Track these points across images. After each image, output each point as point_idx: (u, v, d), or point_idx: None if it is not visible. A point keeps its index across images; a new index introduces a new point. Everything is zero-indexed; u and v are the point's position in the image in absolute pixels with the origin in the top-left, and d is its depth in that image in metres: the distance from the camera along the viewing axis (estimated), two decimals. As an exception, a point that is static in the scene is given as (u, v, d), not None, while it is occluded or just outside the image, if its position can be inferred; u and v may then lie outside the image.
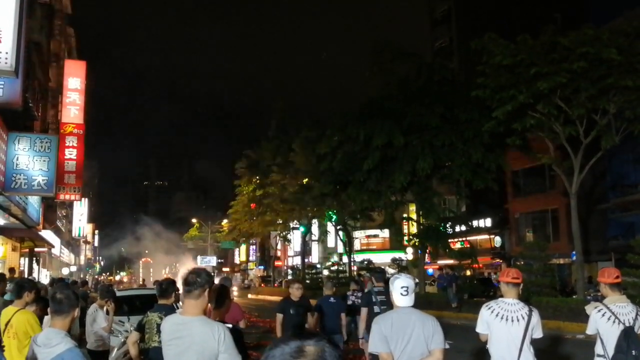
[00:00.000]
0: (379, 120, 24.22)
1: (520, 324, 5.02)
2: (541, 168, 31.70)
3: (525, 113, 20.38)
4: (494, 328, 5.14)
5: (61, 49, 27.23)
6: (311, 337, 1.47)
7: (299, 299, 8.76)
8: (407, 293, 4.66)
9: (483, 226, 39.64)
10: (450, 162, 24.82)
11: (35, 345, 4.15)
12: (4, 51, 6.26)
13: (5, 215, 14.85)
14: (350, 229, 40.35)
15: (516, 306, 5.12)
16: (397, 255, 37.25)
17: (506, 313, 5.09)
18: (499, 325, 5.08)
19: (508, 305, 5.14)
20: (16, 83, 12.26)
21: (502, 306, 5.17)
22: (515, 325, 5.02)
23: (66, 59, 27.04)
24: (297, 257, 58.63)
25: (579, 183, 21.39)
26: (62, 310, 4.25)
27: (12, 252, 21.35)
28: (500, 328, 5.08)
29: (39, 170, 12.71)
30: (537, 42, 19.49)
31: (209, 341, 3.71)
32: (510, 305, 5.14)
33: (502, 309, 5.14)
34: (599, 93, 19.16)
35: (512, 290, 5.23)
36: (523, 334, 4.99)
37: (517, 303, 5.15)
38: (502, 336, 5.06)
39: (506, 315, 5.08)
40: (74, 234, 47.51)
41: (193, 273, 3.93)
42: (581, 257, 21.68)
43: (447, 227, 27.67)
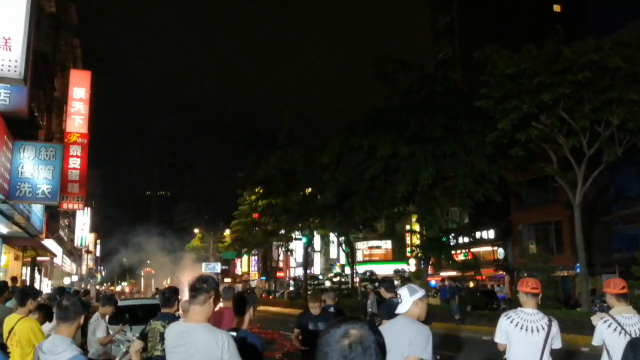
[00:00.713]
0: (382, 131, 24.26)
1: (540, 334, 4.99)
2: (544, 180, 31.69)
3: (528, 124, 20.40)
4: (513, 338, 5.11)
5: (66, 59, 27.38)
6: (355, 321, 1.81)
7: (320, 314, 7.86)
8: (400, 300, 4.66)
9: (486, 238, 39.54)
10: (454, 173, 24.81)
11: (41, 352, 4.15)
12: (13, 59, 6.30)
13: (9, 223, 14.87)
14: (353, 239, 40.33)
15: (536, 316, 5.09)
16: (399, 267, 37.30)
17: (526, 323, 5.06)
18: (519, 335, 5.06)
19: (528, 315, 5.12)
20: (23, 92, 12.35)
21: (521, 316, 5.14)
22: (535, 335, 5.00)
23: (71, 68, 27.14)
24: (299, 268, 58.59)
25: (582, 194, 21.37)
26: (68, 317, 4.25)
27: (14, 261, 21.34)
28: (519, 338, 5.05)
29: (43, 178, 12.73)
30: (541, 52, 19.55)
31: (212, 349, 3.70)
32: (530, 315, 5.11)
33: (521, 318, 5.12)
34: (602, 105, 19.18)
35: (531, 300, 5.20)
36: (543, 344, 4.97)
37: (537, 313, 5.12)
38: (522, 346, 5.04)
39: (526, 325, 5.05)
40: (76, 244, 47.47)
41: (199, 279, 3.93)
42: (585, 269, 21.60)
43: (449, 238, 27.62)
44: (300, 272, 54.96)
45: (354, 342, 1.74)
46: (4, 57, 6.29)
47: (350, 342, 1.75)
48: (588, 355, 13.94)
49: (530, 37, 21.38)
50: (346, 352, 1.73)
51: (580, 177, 21.12)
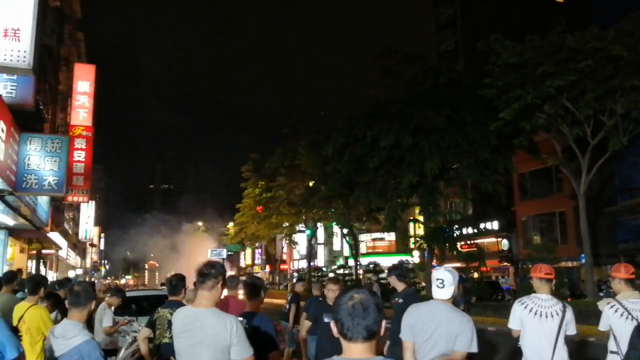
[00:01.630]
0: (386, 123, 24.24)
1: (554, 320, 4.94)
2: (548, 170, 31.67)
3: (532, 114, 20.39)
4: (527, 324, 5.05)
5: (71, 52, 27.42)
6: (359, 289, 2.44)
7: None
8: (442, 286, 4.41)
9: (490, 229, 39.55)
10: (458, 164, 24.78)
11: (53, 337, 4.18)
12: (22, 50, 6.33)
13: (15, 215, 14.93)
14: (357, 231, 40.34)
15: (550, 302, 5.04)
16: (403, 258, 37.32)
17: (540, 309, 5.01)
18: (533, 321, 5.00)
19: (542, 301, 5.06)
20: (29, 85, 12.40)
21: (535, 302, 5.08)
22: (550, 321, 4.94)
23: (76, 62, 27.18)
24: (303, 261, 58.69)
25: (587, 184, 21.36)
26: (79, 302, 4.29)
27: (19, 254, 21.42)
28: (533, 324, 4.99)
29: (49, 170, 12.77)
30: (545, 42, 19.54)
31: (221, 333, 3.69)
32: (544, 300, 5.06)
33: (535, 304, 5.06)
34: (605, 94, 19.16)
35: (545, 285, 5.14)
36: (557, 330, 4.91)
37: (551, 299, 5.07)
38: (536, 332, 4.98)
39: (540, 311, 5.00)
40: (80, 237, 47.62)
41: (207, 265, 3.93)
42: (590, 260, 21.61)
43: (454, 229, 27.62)
44: (304, 264, 55.05)
45: (357, 304, 2.32)
46: (13, 48, 6.34)
47: (354, 304, 2.32)
48: (594, 345, 13.97)
49: (533, 28, 21.37)
50: (350, 311, 2.31)
51: (585, 166, 21.11)
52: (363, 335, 2.29)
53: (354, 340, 2.30)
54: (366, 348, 2.31)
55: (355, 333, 2.29)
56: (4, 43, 6.24)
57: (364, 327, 2.29)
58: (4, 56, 6.21)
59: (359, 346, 2.31)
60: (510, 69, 19.93)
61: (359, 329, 2.29)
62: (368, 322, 2.30)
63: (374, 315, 2.31)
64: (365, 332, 2.29)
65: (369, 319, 2.30)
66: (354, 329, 2.29)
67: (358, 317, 2.29)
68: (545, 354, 4.88)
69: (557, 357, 4.87)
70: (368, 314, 2.30)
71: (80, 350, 4.06)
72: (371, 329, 2.30)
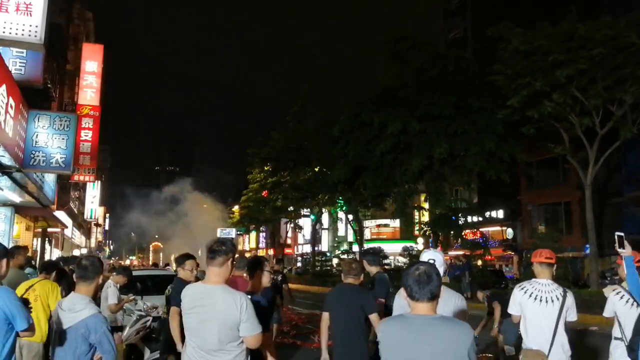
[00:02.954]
0: (393, 109, 24.19)
1: (554, 305, 4.87)
2: (555, 160, 31.55)
3: (540, 102, 20.31)
4: (527, 309, 5.00)
5: (79, 32, 27.37)
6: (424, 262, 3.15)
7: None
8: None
9: (495, 217, 39.52)
10: (464, 152, 24.72)
11: (60, 309, 4.21)
12: (34, 24, 6.34)
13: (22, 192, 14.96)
14: (361, 217, 40.35)
15: (550, 287, 4.98)
16: (407, 245, 37.39)
17: (540, 294, 4.95)
18: (532, 306, 4.95)
19: (542, 286, 5.00)
20: (38, 62, 12.38)
21: (535, 287, 5.03)
22: (550, 307, 4.88)
23: (84, 42, 27.13)
24: (307, 245, 58.83)
25: (593, 174, 21.31)
26: (87, 276, 4.31)
27: (25, 232, 21.51)
28: (533, 309, 4.94)
29: (57, 148, 12.77)
30: (556, 30, 19.41)
31: (231, 309, 3.72)
32: (544, 285, 5.00)
33: (535, 289, 5.01)
34: (615, 83, 19.06)
35: (545, 270, 5.07)
36: (557, 315, 4.85)
37: (551, 284, 5.01)
38: (536, 317, 4.93)
39: (540, 296, 4.94)
40: (85, 216, 47.72)
41: (218, 242, 3.95)
42: (595, 248, 21.60)
43: (459, 216, 27.63)
44: (308, 248, 55.20)
45: (422, 273, 3.00)
46: (25, 22, 6.34)
47: (420, 273, 3.00)
48: (597, 334, 14.01)
49: (543, 17, 21.19)
50: (417, 279, 2.98)
51: (592, 156, 21.05)
52: (427, 297, 2.97)
53: (421, 300, 2.97)
54: (429, 307, 2.99)
55: (422, 295, 2.96)
56: (16, 17, 6.24)
57: (429, 291, 2.96)
58: (15, 30, 6.21)
59: (424, 305, 2.98)
60: (520, 56, 19.83)
61: (425, 292, 2.96)
62: (431, 287, 2.96)
63: (435, 282, 2.98)
64: (429, 294, 2.96)
65: (432, 285, 2.97)
66: (420, 292, 2.97)
67: (423, 283, 2.96)
68: (545, 340, 4.84)
69: (557, 343, 4.83)
70: (431, 280, 2.97)
71: (87, 324, 4.11)
72: (433, 292, 2.97)
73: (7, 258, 4.23)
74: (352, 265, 5.87)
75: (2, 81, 8.96)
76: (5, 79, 9.18)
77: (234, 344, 3.79)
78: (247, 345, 3.86)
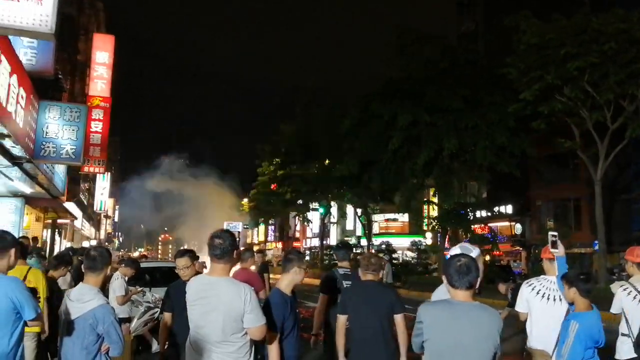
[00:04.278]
0: (401, 101, 24.11)
1: (562, 304, 4.73)
2: (565, 156, 31.39)
3: (552, 97, 20.21)
4: (534, 306, 4.87)
5: (90, 22, 27.40)
6: (465, 255, 3.45)
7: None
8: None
9: (504, 213, 39.38)
10: (473, 147, 24.60)
11: (69, 300, 4.24)
12: (45, 14, 6.33)
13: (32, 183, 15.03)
14: (370, 211, 40.32)
15: (558, 284, 4.77)
16: (416, 240, 37.33)
17: (548, 291, 4.84)
18: (540, 303, 4.82)
19: (550, 283, 4.88)
20: (49, 52, 12.40)
21: (543, 283, 4.91)
22: (557, 305, 4.76)
23: (95, 33, 27.16)
24: (316, 239, 58.85)
25: (604, 170, 21.20)
26: (95, 267, 4.33)
27: (35, 222, 21.60)
28: (540, 306, 4.81)
29: (67, 139, 12.80)
30: (570, 23, 19.28)
31: (235, 301, 3.74)
32: (553, 282, 4.87)
33: (543, 286, 4.89)
34: (627, 78, 18.93)
35: (554, 267, 4.89)
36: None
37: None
38: (543, 315, 4.80)
39: (547, 294, 4.83)
40: (95, 208, 47.89)
41: (219, 235, 3.94)
42: (604, 245, 21.51)
43: (467, 211, 27.56)
44: (317, 242, 55.21)
45: (463, 264, 3.30)
46: (35, 12, 6.33)
47: (461, 264, 3.30)
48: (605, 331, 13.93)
49: (554, 11, 21.05)
50: (458, 269, 3.29)
51: (603, 152, 20.95)
52: (466, 285, 3.29)
53: (460, 288, 3.29)
54: (468, 294, 3.32)
55: (462, 284, 3.28)
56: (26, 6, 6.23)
57: (467, 280, 3.28)
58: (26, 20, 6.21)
59: (464, 292, 3.31)
60: (532, 49, 19.73)
61: (464, 281, 3.28)
62: (470, 278, 3.28)
63: (474, 273, 3.30)
64: (468, 283, 3.28)
65: (471, 276, 3.28)
66: (460, 281, 3.28)
67: (463, 273, 3.28)
68: (551, 339, 4.69)
69: None
70: (470, 271, 3.29)
71: (95, 314, 4.13)
72: (472, 282, 3.29)
73: (16, 247, 4.26)
74: (370, 260, 5.27)
75: (13, 71, 8.99)
76: (16, 69, 9.21)
77: (238, 336, 3.79)
78: (252, 336, 3.86)
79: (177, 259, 6.09)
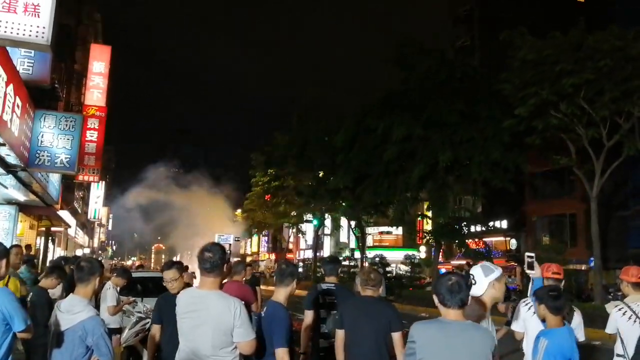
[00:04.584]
0: (397, 114, 24.13)
1: None
2: (560, 172, 31.44)
3: (547, 112, 20.26)
4: (529, 325, 4.84)
5: (88, 33, 27.48)
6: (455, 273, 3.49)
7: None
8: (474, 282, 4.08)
9: (499, 227, 39.39)
10: (468, 161, 24.62)
11: (59, 311, 4.21)
12: (41, 25, 6.35)
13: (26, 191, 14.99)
14: (364, 224, 40.30)
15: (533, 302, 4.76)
16: (410, 253, 37.29)
17: None
18: (536, 323, 4.73)
19: None
20: (46, 62, 12.42)
21: None
22: None
23: (92, 43, 27.23)
24: (309, 250, 58.75)
25: (599, 186, 21.21)
26: (82, 278, 4.31)
27: (29, 230, 21.53)
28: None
29: (62, 148, 12.81)
30: (566, 40, 19.35)
31: (225, 315, 3.73)
32: None
33: None
34: (623, 95, 18.98)
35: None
36: None
37: None
38: None
39: None
40: (89, 216, 47.80)
41: (209, 248, 3.94)
42: (600, 262, 21.48)
43: (462, 226, 27.53)
44: (310, 254, 55.12)
45: (454, 283, 3.29)
46: (32, 23, 6.35)
47: (452, 283, 3.29)
48: (600, 349, 13.89)
49: (551, 26, 21.17)
50: (450, 288, 3.28)
51: (599, 169, 20.94)
52: (458, 304, 3.29)
53: (452, 307, 3.29)
54: (459, 313, 3.31)
55: (453, 303, 3.28)
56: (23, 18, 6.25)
57: (459, 299, 3.28)
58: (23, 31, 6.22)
59: (455, 311, 3.30)
60: (527, 65, 19.79)
61: (456, 300, 3.27)
62: (462, 296, 3.29)
63: (465, 292, 3.31)
64: (460, 302, 3.29)
65: (462, 294, 3.29)
66: (452, 300, 3.28)
67: (455, 292, 3.27)
68: None
69: None
70: (462, 290, 3.29)
71: (84, 326, 4.11)
72: (464, 300, 3.30)
73: (6, 258, 4.22)
74: (370, 275, 5.20)
75: (9, 81, 8.97)
76: (12, 78, 9.19)
77: (228, 350, 3.79)
78: (241, 351, 3.86)
79: (164, 271, 5.94)
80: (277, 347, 4.17)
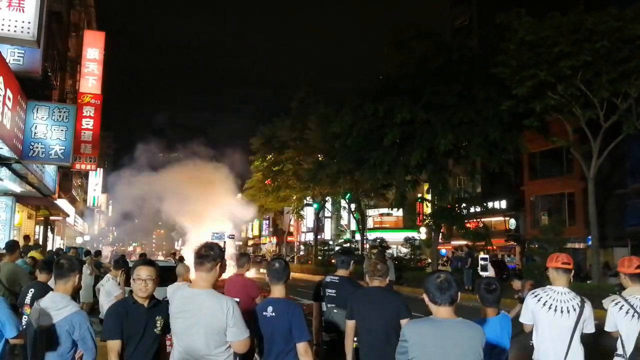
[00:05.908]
0: (396, 98, 24.01)
1: (570, 316, 4.52)
2: (558, 151, 31.39)
3: (545, 94, 20.16)
4: (539, 318, 4.65)
5: (81, 19, 27.25)
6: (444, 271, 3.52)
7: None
8: None
9: (498, 208, 39.43)
10: (468, 142, 24.53)
11: (41, 308, 4.21)
12: (26, 21, 6.27)
13: (22, 183, 14.95)
14: (364, 206, 40.32)
15: (567, 296, 4.62)
16: (410, 235, 37.35)
17: (555, 303, 4.60)
18: (546, 315, 4.59)
19: (557, 294, 4.64)
20: (36, 52, 12.28)
21: (550, 295, 4.67)
22: (565, 317, 4.53)
23: (85, 29, 27.00)
24: (310, 234, 58.84)
25: (597, 167, 21.18)
26: (62, 274, 4.37)
27: (27, 220, 21.54)
28: (547, 319, 4.59)
29: (56, 139, 12.73)
30: (564, 21, 19.19)
31: (217, 314, 3.73)
32: (560, 294, 4.64)
33: (550, 297, 4.65)
34: (620, 76, 18.91)
35: (562, 277, 4.71)
36: (573, 327, 4.50)
37: (568, 292, 4.64)
38: (550, 328, 4.58)
39: (555, 305, 4.58)
40: (88, 204, 47.85)
41: (205, 247, 3.95)
42: (597, 242, 21.52)
43: (461, 207, 27.53)
44: (311, 237, 55.20)
45: (443, 280, 3.36)
46: (17, 19, 6.27)
47: (441, 280, 3.36)
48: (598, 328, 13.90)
49: (549, 7, 20.97)
50: (439, 285, 3.34)
51: (596, 149, 20.91)
52: (448, 302, 3.34)
53: (442, 304, 3.34)
54: (450, 311, 3.35)
55: (443, 300, 3.33)
56: (7, 14, 6.17)
57: (449, 296, 3.33)
58: (7, 27, 6.15)
59: (446, 309, 3.35)
60: (525, 47, 19.66)
61: (446, 297, 3.33)
62: (451, 293, 3.34)
63: (454, 289, 3.36)
64: (450, 299, 3.34)
65: (452, 291, 3.34)
66: (442, 297, 3.34)
67: (444, 289, 3.33)
68: (558, 352, 4.50)
69: (570, 356, 4.48)
70: (451, 287, 3.35)
71: (71, 320, 4.16)
72: (453, 297, 3.34)
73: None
74: (377, 266, 5.25)
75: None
76: (2, 70, 9.09)
77: (221, 349, 3.79)
78: (235, 350, 3.86)
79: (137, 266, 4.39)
80: (301, 340, 4.21)
